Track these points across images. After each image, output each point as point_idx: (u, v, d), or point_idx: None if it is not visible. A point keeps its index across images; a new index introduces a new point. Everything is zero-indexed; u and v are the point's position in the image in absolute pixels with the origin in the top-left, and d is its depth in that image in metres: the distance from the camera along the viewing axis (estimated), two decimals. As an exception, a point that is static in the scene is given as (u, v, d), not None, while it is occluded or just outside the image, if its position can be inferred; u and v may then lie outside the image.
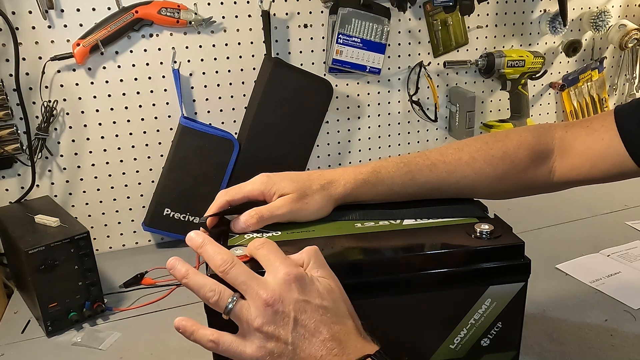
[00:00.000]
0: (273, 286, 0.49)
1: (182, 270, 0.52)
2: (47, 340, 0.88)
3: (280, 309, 0.49)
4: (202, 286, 0.51)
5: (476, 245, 0.59)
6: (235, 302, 0.50)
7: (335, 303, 0.51)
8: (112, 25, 1.05)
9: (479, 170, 0.69)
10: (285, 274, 0.49)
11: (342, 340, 0.49)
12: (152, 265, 1.08)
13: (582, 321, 0.83)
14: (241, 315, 0.49)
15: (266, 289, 0.49)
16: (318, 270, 0.52)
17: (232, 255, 0.52)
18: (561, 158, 0.72)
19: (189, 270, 0.52)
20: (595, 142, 0.70)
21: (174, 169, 1.12)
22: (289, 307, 0.49)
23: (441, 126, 1.41)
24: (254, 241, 0.54)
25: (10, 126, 1.04)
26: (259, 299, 0.49)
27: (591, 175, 0.71)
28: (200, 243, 0.54)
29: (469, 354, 0.60)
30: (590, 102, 1.53)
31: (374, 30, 1.22)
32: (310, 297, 0.49)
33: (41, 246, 0.84)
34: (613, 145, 0.68)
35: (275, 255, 0.52)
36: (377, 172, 0.67)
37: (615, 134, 0.68)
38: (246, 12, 1.16)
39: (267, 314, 0.49)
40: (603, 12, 1.41)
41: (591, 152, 0.70)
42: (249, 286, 0.50)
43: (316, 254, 0.53)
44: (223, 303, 0.50)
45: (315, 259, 0.53)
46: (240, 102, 1.21)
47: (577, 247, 1.05)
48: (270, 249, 0.52)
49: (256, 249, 0.53)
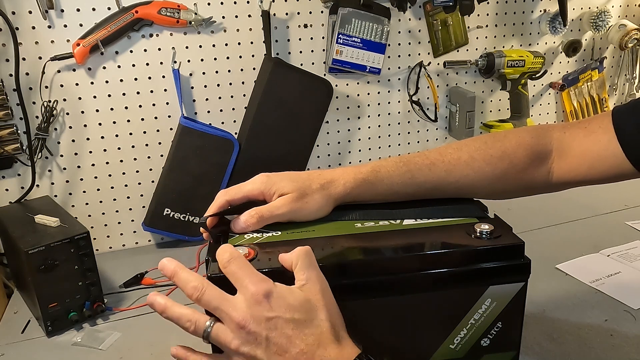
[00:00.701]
0: (244, 307, 0.50)
1: (161, 304, 0.53)
2: (47, 340, 0.88)
3: (253, 328, 0.49)
4: (180, 317, 0.52)
5: (476, 245, 0.59)
6: (211, 328, 0.51)
7: (307, 313, 0.51)
8: (112, 25, 1.05)
9: (478, 169, 0.69)
10: (254, 293, 0.50)
11: (314, 352, 0.50)
12: (152, 265, 1.08)
13: (582, 321, 0.83)
14: (219, 339, 0.51)
15: (237, 310, 0.50)
16: (304, 273, 0.52)
17: (203, 280, 0.52)
18: (559, 159, 0.72)
19: (167, 303, 0.53)
20: (593, 143, 0.70)
21: (174, 169, 1.12)
22: (260, 327, 0.50)
23: (441, 126, 1.41)
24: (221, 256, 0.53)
25: (10, 126, 1.04)
26: (232, 322, 0.50)
27: (589, 176, 0.71)
28: (172, 271, 0.54)
29: (469, 354, 0.60)
30: (590, 102, 1.53)
31: (374, 30, 1.22)
32: (279, 313, 0.50)
33: (41, 246, 0.84)
34: (610, 147, 0.68)
35: (244, 271, 0.51)
36: (376, 171, 0.67)
37: (612, 136, 0.68)
38: (246, 12, 1.16)
39: (242, 336, 0.50)
40: (603, 12, 1.41)
41: (589, 154, 0.70)
42: (222, 310, 0.51)
43: (305, 255, 0.53)
44: (200, 330, 0.51)
45: (303, 260, 0.53)
46: (240, 102, 1.21)
47: (577, 247, 1.05)
48: (239, 265, 0.52)
49: (224, 266, 0.52)
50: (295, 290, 0.52)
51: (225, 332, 0.51)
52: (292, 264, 0.53)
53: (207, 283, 0.52)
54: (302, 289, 0.52)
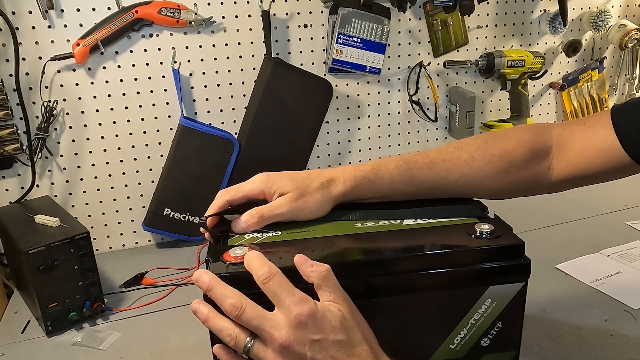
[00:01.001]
0: (287, 328, 0.50)
1: (204, 313, 0.53)
2: (47, 340, 0.88)
3: (297, 350, 0.49)
4: (220, 330, 0.52)
5: (476, 245, 0.59)
6: (252, 344, 0.51)
7: (348, 333, 0.51)
8: (112, 25, 1.05)
9: (478, 169, 0.69)
10: (297, 315, 0.50)
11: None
12: (152, 265, 1.08)
13: (582, 321, 0.83)
14: (259, 355, 0.51)
15: (280, 330, 0.50)
16: (331, 295, 0.52)
17: (241, 298, 0.51)
18: (559, 155, 0.72)
19: (210, 314, 0.53)
20: (591, 137, 0.70)
21: (174, 169, 1.12)
22: (305, 348, 0.50)
23: (441, 126, 1.41)
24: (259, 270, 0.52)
25: (10, 126, 1.04)
26: (274, 342, 0.50)
27: (588, 171, 0.71)
28: (207, 285, 0.52)
29: (469, 354, 0.60)
30: (590, 102, 1.53)
31: (374, 30, 1.22)
32: (324, 334, 0.50)
33: (41, 246, 0.84)
34: (608, 141, 0.69)
35: (285, 290, 0.51)
36: (376, 170, 0.67)
37: (610, 131, 0.69)
38: (246, 12, 1.16)
39: (284, 356, 0.50)
40: (603, 12, 1.41)
41: (587, 147, 0.70)
42: (263, 330, 0.50)
43: (328, 276, 0.53)
44: (241, 345, 0.51)
45: (327, 282, 0.53)
46: (240, 102, 1.21)
47: (577, 247, 1.05)
48: (279, 282, 0.51)
49: (262, 282, 0.51)
50: (333, 310, 0.52)
51: (267, 351, 0.51)
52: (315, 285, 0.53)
53: (245, 300, 0.51)
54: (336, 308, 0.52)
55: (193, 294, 0.53)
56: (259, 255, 0.53)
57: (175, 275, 1.05)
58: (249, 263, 0.53)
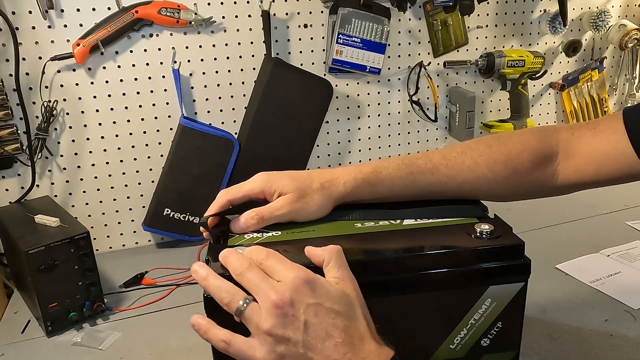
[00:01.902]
0: (283, 289, 0.49)
1: (202, 273, 0.52)
2: (47, 340, 0.88)
3: (290, 312, 0.48)
4: (219, 287, 0.51)
5: (476, 245, 0.59)
6: (246, 305, 0.50)
7: (347, 307, 0.50)
8: (112, 25, 1.05)
9: (480, 175, 0.69)
10: (295, 277, 0.49)
11: (355, 344, 0.49)
12: (152, 265, 1.08)
13: (582, 321, 0.83)
14: (252, 318, 0.49)
15: (276, 291, 0.49)
16: (338, 271, 0.52)
17: (250, 260, 0.52)
18: (565, 160, 0.71)
19: (209, 274, 0.52)
20: (601, 143, 0.69)
21: (174, 169, 1.12)
22: (300, 311, 0.48)
23: (441, 126, 1.41)
24: (257, 252, 0.53)
25: (10, 126, 1.04)
26: (268, 301, 0.48)
27: (597, 177, 0.70)
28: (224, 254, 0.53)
29: (469, 354, 0.60)
30: (590, 102, 1.53)
31: (374, 30, 1.22)
32: (321, 300, 0.49)
33: (41, 246, 0.84)
34: (620, 146, 0.67)
35: (283, 263, 0.51)
36: (377, 172, 0.67)
37: (622, 136, 0.67)
38: (246, 12, 1.16)
39: (277, 316, 0.48)
40: (603, 12, 1.41)
41: (597, 154, 0.69)
42: (260, 288, 0.49)
43: (338, 253, 0.53)
44: (235, 305, 0.50)
45: (337, 258, 0.53)
46: (240, 102, 1.21)
47: (577, 247, 1.05)
48: (276, 259, 0.52)
49: (261, 262, 0.52)
50: (335, 284, 0.51)
51: (260, 312, 0.49)
52: (324, 261, 0.53)
53: (254, 264, 0.51)
54: (338, 284, 0.51)
55: (193, 294, 0.53)
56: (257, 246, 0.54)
57: (175, 275, 1.05)
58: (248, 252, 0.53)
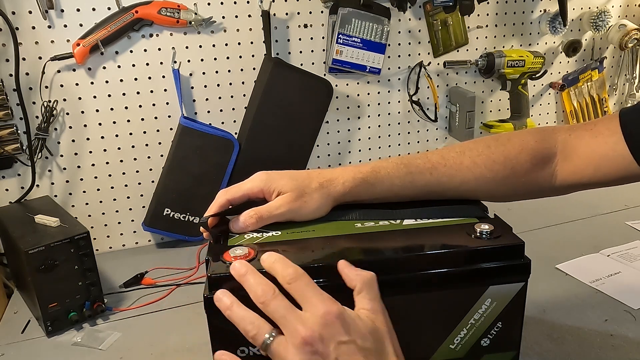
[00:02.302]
0: (313, 324, 0.46)
1: (227, 302, 0.51)
2: (47, 340, 0.88)
3: (320, 349, 0.46)
4: (243, 318, 0.49)
5: (476, 245, 0.59)
6: (273, 339, 0.48)
7: (378, 343, 0.48)
8: (112, 25, 1.05)
9: (479, 175, 0.69)
10: (325, 313, 0.47)
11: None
12: (152, 265, 1.08)
13: (582, 321, 0.83)
14: (278, 353, 0.47)
15: (305, 325, 0.46)
16: (370, 302, 0.50)
17: (274, 287, 0.49)
18: (564, 161, 0.71)
19: (234, 303, 0.50)
20: (599, 144, 0.69)
21: (174, 169, 1.12)
22: (330, 348, 0.46)
23: (441, 126, 1.41)
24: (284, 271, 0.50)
25: (10, 126, 1.04)
26: (297, 336, 0.46)
27: (594, 178, 0.70)
28: (243, 272, 0.51)
29: (469, 354, 0.60)
30: (590, 102, 1.53)
31: (374, 30, 1.22)
32: (353, 337, 0.47)
33: (41, 246, 0.84)
34: (618, 149, 0.67)
35: (312, 290, 0.49)
36: (376, 172, 0.67)
37: (619, 137, 0.67)
38: (246, 12, 1.16)
39: (306, 353, 0.46)
40: (603, 12, 1.41)
41: (595, 155, 0.69)
42: (288, 321, 0.47)
43: (371, 282, 0.51)
44: (260, 338, 0.48)
45: (369, 289, 0.51)
46: (240, 102, 1.21)
47: (577, 247, 1.05)
48: (306, 282, 0.49)
49: (288, 282, 0.49)
50: (364, 317, 0.49)
51: (287, 347, 0.47)
52: (356, 287, 0.51)
53: (277, 290, 0.49)
54: (368, 317, 0.50)
55: (193, 294, 0.53)
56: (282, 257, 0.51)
57: (175, 275, 1.05)
58: (271, 265, 0.51)
